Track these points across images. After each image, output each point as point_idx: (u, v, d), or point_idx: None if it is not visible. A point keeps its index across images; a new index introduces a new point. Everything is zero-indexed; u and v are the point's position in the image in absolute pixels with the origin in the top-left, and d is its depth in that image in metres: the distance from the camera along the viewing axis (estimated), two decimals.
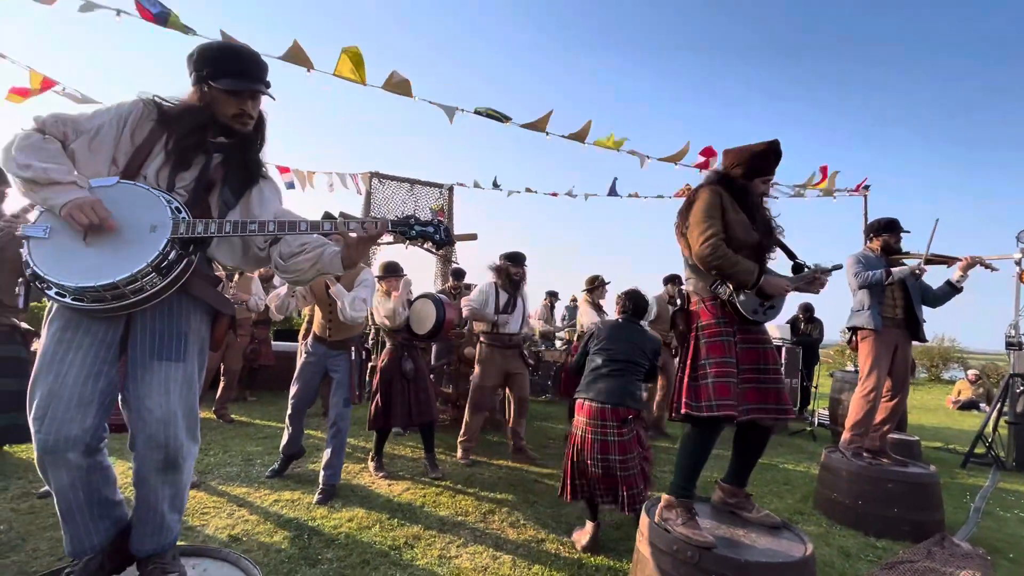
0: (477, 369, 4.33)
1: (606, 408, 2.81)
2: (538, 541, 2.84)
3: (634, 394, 2.90)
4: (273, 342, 6.41)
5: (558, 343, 8.77)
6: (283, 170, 7.21)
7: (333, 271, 1.63)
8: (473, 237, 7.67)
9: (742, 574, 1.82)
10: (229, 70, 1.53)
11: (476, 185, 7.86)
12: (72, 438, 1.37)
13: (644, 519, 2.15)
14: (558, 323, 9.61)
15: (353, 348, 3.42)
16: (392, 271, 4.01)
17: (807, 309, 7.68)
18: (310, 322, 4.25)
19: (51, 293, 1.35)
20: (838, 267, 2.28)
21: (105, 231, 1.38)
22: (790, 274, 2.31)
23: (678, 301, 2.38)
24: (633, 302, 3.25)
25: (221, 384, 5.15)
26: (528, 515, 3.18)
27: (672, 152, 6.31)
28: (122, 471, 3.02)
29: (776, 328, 7.69)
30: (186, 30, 4.23)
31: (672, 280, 5.58)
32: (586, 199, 8.34)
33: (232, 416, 5.14)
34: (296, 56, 4.25)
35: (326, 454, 3.32)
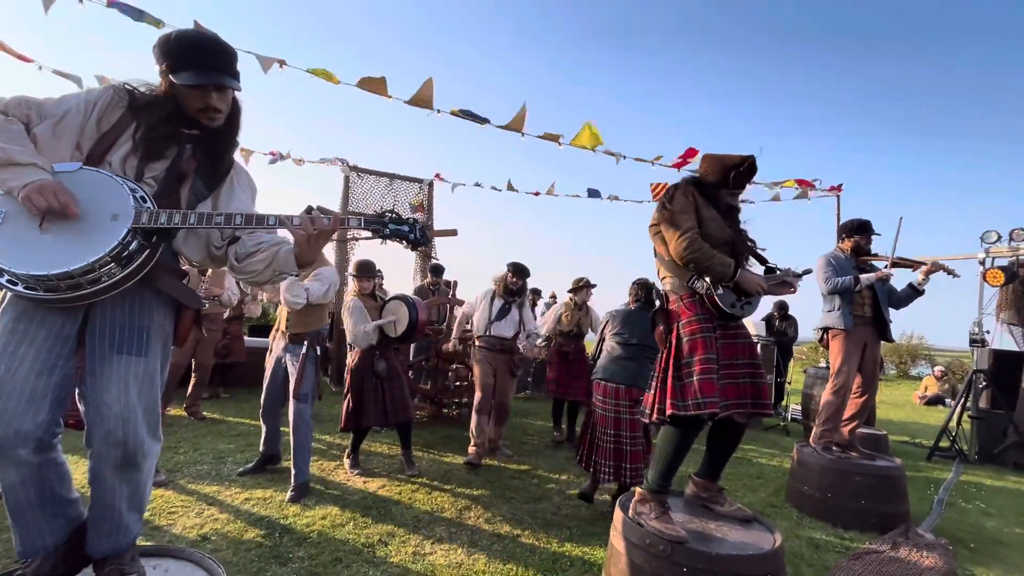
0: (476, 369, 4.34)
1: (620, 388, 3.21)
2: (514, 537, 2.84)
3: (646, 376, 2.98)
4: (247, 338, 6.28)
5: (539, 340, 8.77)
6: (273, 153, 7.07)
7: (288, 270, 1.57)
8: (453, 233, 7.71)
9: (712, 566, 1.84)
10: (188, 63, 1.44)
11: (457, 183, 7.81)
12: (23, 434, 1.31)
13: (618, 513, 2.16)
14: (538, 320, 9.61)
15: (308, 343, 3.36)
16: (366, 270, 3.97)
17: (781, 307, 7.82)
18: None
19: (2, 281, 1.29)
20: (808, 271, 2.33)
21: (64, 218, 1.32)
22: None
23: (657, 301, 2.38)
24: (645, 291, 3.60)
25: (192, 381, 5.03)
26: (504, 511, 3.18)
27: (649, 152, 6.37)
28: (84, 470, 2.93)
29: (752, 325, 7.82)
30: (159, 24, 4.11)
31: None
32: (566, 196, 8.35)
33: (204, 413, 5.02)
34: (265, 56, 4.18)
35: (293, 449, 3.28)
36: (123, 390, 1.38)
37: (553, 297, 10.97)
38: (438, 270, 6.39)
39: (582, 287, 5.25)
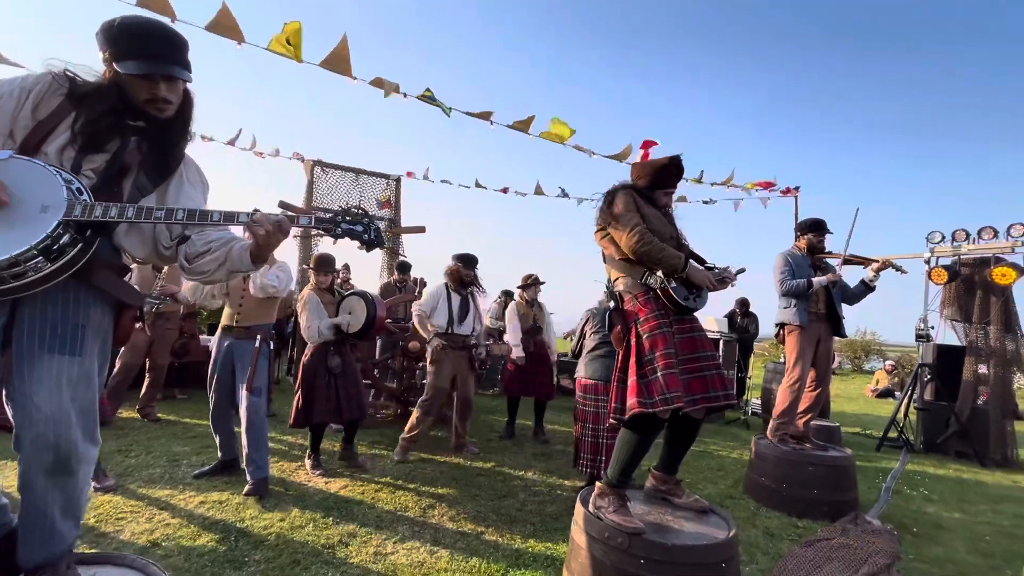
0: (430, 371, 4.23)
1: (599, 384, 3.37)
2: (478, 534, 2.83)
3: None
4: (204, 336, 6.07)
5: (506, 338, 8.78)
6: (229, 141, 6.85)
7: (243, 269, 1.51)
8: (421, 230, 7.59)
9: (668, 557, 1.87)
10: (133, 51, 1.37)
11: (425, 178, 7.74)
12: None
13: (579, 508, 2.17)
14: (507, 328, 9.62)
15: (260, 336, 3.30)
16: (324, 264, 3.89)
17: (743, 304, 8.04)
18: None
19: None
20: (742, 271, 2.38)
21: None
22: None
23: (611, 303, 2.42)
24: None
25: (147, 381, 4.83)
26: (469, 509, 3.17)
27: (616, 149, 6.42)
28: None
29: (715, 322, 8.03)
30: None
31: None
32: (535, 195, 8.36)
33: (159, 415, 4.83)
34: (224, 26, 3.97)
35: (244, 450, 3.19)
36: (55, 391, 1.31)
37: (506, 292, 10.98)
38: (405, 267, 6.33)
39: (530, 284, 5.27)
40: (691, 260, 2.25)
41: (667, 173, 2.31)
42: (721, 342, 7.60)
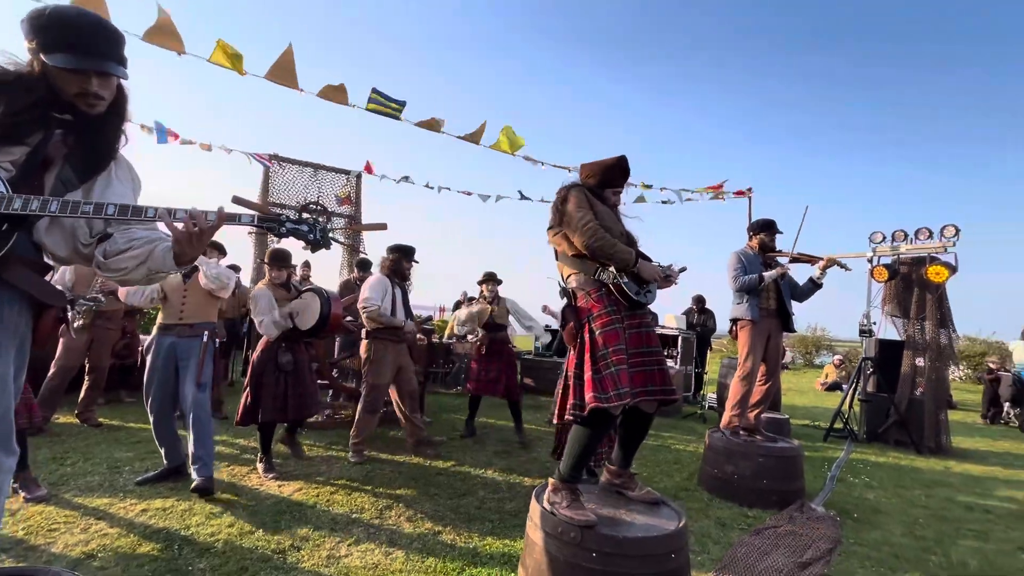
0: (370, 368, 4.10)
1: None
2: (435, 534, 2.81)
3: None
4: (144, 337, 5.80)
5: (470, 337, 8.74)
6: (173, 135, 6.56)
7: (166, 269, 1.42)
8: (382, 227, 7.53)
9: (619, 549, 1.90)
10: (64, 43, 1.28)
11: (384, 176, 7.61)
12: None
13: (534, 504, 2.18)
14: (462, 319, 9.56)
15: (207, 333, 3.23)
16: (279, 259, 3.79)
17: (700, 301, 8.27)
18: None
19: None
20: (683, 269, 2.45)
21: None
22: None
23: (564, 299, 2.43)
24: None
25: (86, 384, 4.57)
26: (426, 509, 3.14)
27: (568, 159, 6.53)
28: None
29: (675, 319, 8.23)
30: None
31: None
32: (496, 200, 8.35)
33: (100, 420, 4.59)
34: (163, 35, 3.82)
35: (189, 447, 3.09)
36: None
37: (464, 294, 10.97)
38: (365, 265, 6.22)
39: (486, 280, 5.25)
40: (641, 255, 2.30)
41: (614, 173, 2.38)
42: (680, 338, 7.81)
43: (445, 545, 2.69)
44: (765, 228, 4.00)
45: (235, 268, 7.22)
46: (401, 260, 4.29)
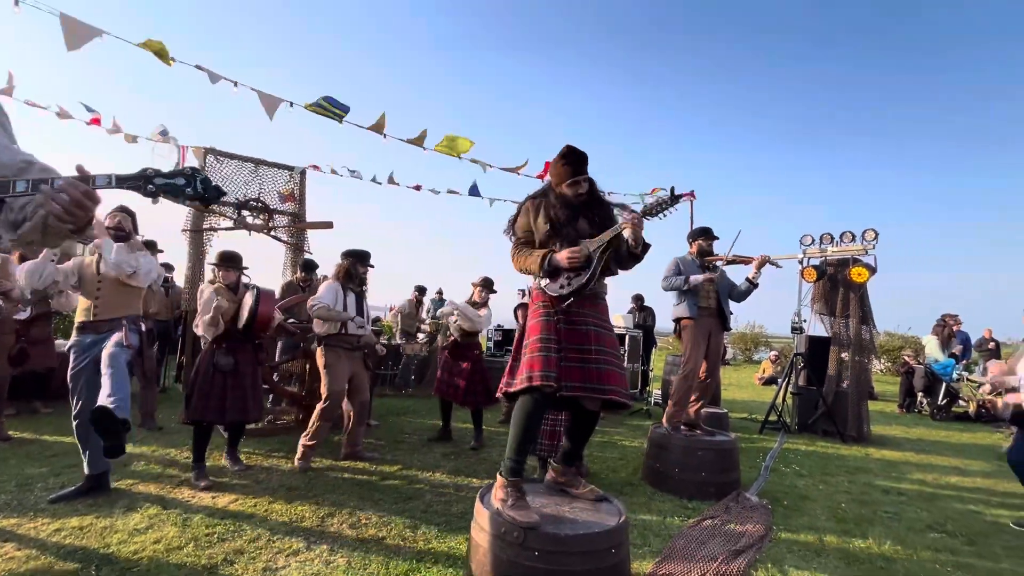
0: (325, 375, 3.97)
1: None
2: (378, 540, 2.75)
3: None
4: (62, 341, 5.36)
5: (420, 336, 8.64)
6: (95, 121, 6.10)
7: (62, 236, 1.24)
8: (328, 225, 7.31)
9: (562, 547, 1.93)
10: None
11: (333, 171, 7.38)
12: None
13: (478, 505, 2.18)
14: (424, 317, 9.48)
15: (126, 323, 3.07)
16: (228, 261, 3.64)
17: (639, 299, 8.52)
18: None
19: None
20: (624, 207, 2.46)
21: None
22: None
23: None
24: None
25: None
26: (371, 514, 3.06)
27: (515, 162, 6.59)
28: None
29: (621, 318, 8.43)
30: None
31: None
32: (447, 193, 8.28)
33: (10, 433, 4.21)
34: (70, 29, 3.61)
35: (104, 384, 2.75)
36: None
37: (439, 295, 10.87)
38: (309, 266, 6.01)
39: (480, 284, 5.10)
40: (555, 253, 2.27)
41: (560, 168, 2.35)
42: (628, 337, 8.01)
43: (389, 550, 2.63)
44: (702, 234, 4.21)
45: (168, 267, 6.82)
46: (356, 265, 4.17)
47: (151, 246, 6.35)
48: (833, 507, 3.70)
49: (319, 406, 3.95)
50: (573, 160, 2.33)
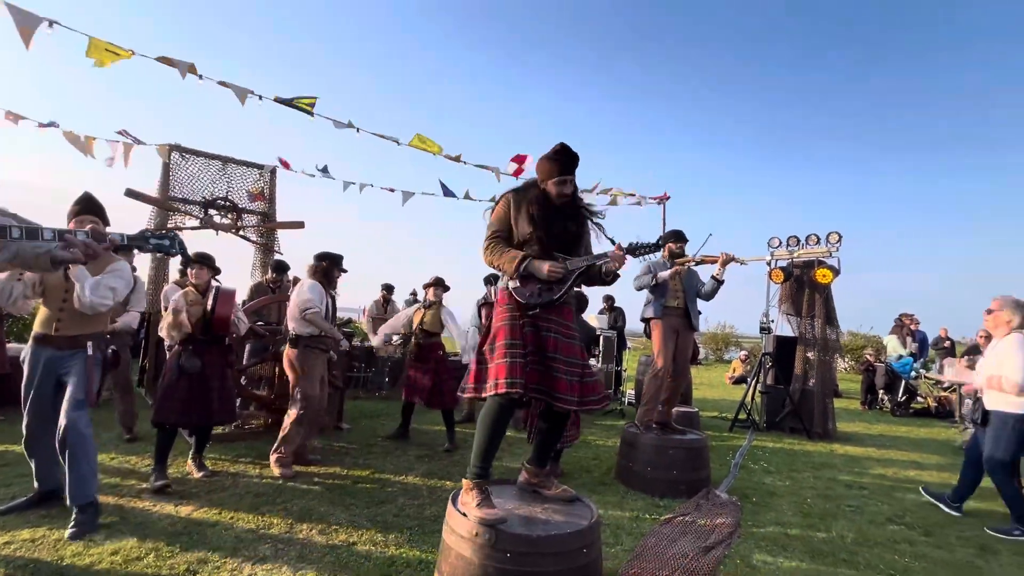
0: (303, 379, 3.87)
1: None
2: (349, 545, 2.70)
3: None
4: (14, 345, 5.11)
5: (395, 338, 8.54)
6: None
7: (38, 270, 1.35)
8: (299, 225, 7.20)
9: (533, 548, 1.92)
10: None
11: (304, 172, 7.25)
12: None
13: (449, 508, 2.16)
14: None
15: (92, 344, 2.85)
16: (204, 260, 3.56)
17: (608, 299, 8.63)
18: None
19: None
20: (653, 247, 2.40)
21: None
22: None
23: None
24: (576, 300, 4.40)
25: None
26: (341, 519, 3.01)
27: (490, 159, 6.59)
28: None
29: (595, 319, 8.51)
30: None
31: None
32: (421, 195, 8.21)
33: None
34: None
35: (68, 474, 2.68)
36: None
37: (413, 295, 10.76)
38: (281, 267, 5.88)
39: (431, 284, 5.14)
40: (553, 256, 2.25)
41: (549, 164, 2.31)
42: (602, 338, 8.09)
43: (360, 556, 2.59)
44: (673, 237, 4.27)
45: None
46: (333, 269, 4.11)
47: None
48: (799, 502, 3.80)
49: (295, 412, 3.83)
50: (564, 158, 2.28)
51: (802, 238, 6.58)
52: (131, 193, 5.83)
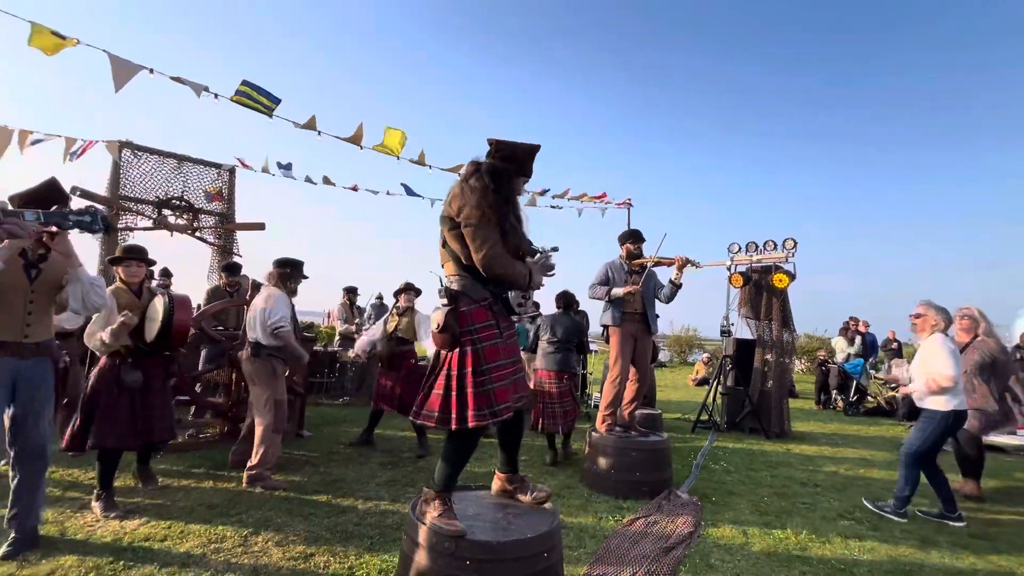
0: (268, 388, 3.73)
1: (553, 372, 4.74)
2: (306, 557, 2.62)
3: (570, 362, 4.86)
4: None
5: (378, 346, 8.37)
6: None
7: None
8: (260, 227, 6.97)
9: (493, 555, 1.91)
10: None
11: (264, 170, 7.06)
12: None
13: (410, 517, 2.12)
14: (359, 320, 9.17)
15: (51, 357, 2.63)
16: (131, 252, 3.28)
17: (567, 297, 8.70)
18: None
19: None
20: (555, 249, 2.32)
21: None
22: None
23: (444, 300, 2.21)
24: (565, 299, 5.08)
25: None
26: (299, 530, 2.92)
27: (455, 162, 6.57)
28: None
29: None
30: None
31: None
32: (387, 195, 8.14)
33: None
34: None
35: (16, 492, 2.50)
36: None
37: (379, 298, 10.59)
38: (233, 268, 5.68)
39: (401, 290, 5.07)
40: (531, 267, 2.20)
41: (530, 161, 2.21)
42: None
43: (317, 568, 2.52)
44: (631, 238, 4.32)
45: None
46: (296, 276, 3.96)
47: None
48: (757, 501, 3.91)
49: (266, 421, 3.67)
50: (532, 159, 2.21)
51: (760, 244, 6.80)
52: (79, 191, 5.54)
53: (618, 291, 4.12)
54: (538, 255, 2.24)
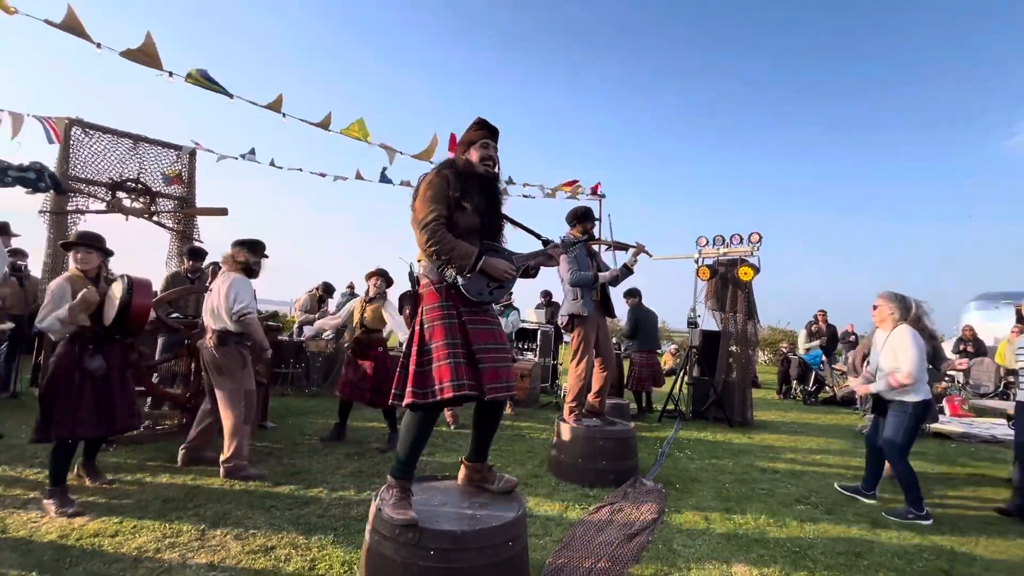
0: (232, 378, 3.61)
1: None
2: (267, 550, 2.55)
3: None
4: None
5: (326, 334, 8.22)
6: None
7: None
8: (222, 212, 6.74)
9: (458, 544, 1.90)
10: None
11: (225, 156, 6.80)
12: None
13: (373, 507, 2.09)
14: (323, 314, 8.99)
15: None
16: (89, 240, 3.14)
17: (546, 294, 8.75)
18: None
19: None
20: (571, 243, 2.55)
21: None
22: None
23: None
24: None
25: None
26: (260, 523, 2.85)
27: (423, 147, 6.47)
28: None
29: (534, 313, 8.59)
30: None
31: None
32: (356, 179, 7.95)
33: None
34: None
35: None
36: None
37: (350, 288, 10.40)
38: (196, 254, 5.47)
39: (371, 275, 4.95)
40: (502, 250, 2.27)
41: (473, 131, 2.32)
42: (539, 332, 8.18)
43: (278, 560, 2.46)
44: (584, 218, 4.13)
45: (20, 254, 5.91)
46: (256, 256, 3.80)
47: (4, 229, 5.46)
48: (719, 487, 4.01)
49: (235, 412, 3.55)
50: (485, 125, 2.32)
51: (727, 237, 6.94)
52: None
53: (606, 275, 4.10)
54: (546, 248, 2.35)
